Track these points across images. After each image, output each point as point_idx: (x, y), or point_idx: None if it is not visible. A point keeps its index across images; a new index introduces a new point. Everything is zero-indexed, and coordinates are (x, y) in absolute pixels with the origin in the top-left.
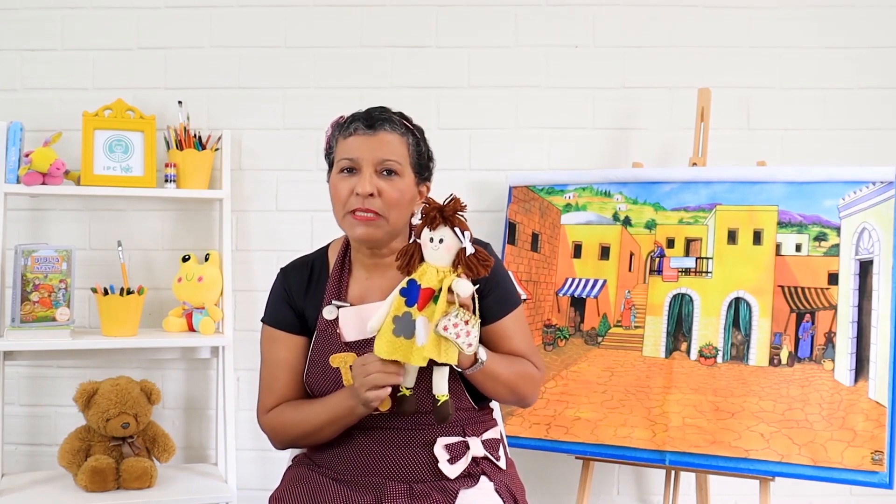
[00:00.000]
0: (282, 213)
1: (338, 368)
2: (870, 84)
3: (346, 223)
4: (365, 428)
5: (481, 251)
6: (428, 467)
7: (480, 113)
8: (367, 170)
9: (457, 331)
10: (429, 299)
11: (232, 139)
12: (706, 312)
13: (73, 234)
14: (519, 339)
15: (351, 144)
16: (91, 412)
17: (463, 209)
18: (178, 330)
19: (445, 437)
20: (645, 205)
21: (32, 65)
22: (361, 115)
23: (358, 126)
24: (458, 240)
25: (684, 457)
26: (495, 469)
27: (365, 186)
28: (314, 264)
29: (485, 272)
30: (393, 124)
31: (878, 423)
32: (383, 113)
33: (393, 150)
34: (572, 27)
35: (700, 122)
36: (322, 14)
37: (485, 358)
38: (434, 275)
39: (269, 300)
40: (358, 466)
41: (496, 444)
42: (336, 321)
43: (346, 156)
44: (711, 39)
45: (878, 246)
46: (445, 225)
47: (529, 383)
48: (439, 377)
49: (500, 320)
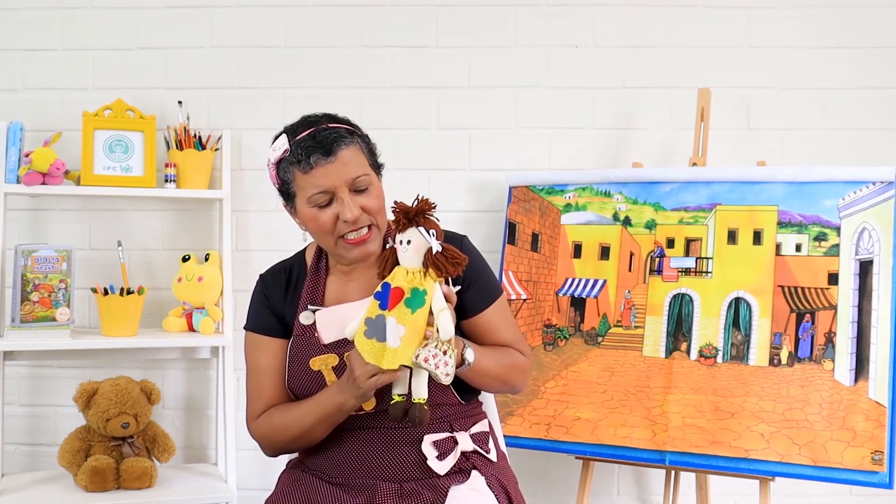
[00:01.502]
0: (282, 213)
1: (319, 371)
2: (870, 84)
3: (341, 248)
4: (353, 429)
5: (450, 249)
6: (417, 465)
7: (480, 113)
8: (343, 194)
9: (436, 361)
10: (398, 300)
11: (232, 139)
12: (706, 312)
13: (73, 234)
14: (503, 329)
15: (317, 177)
16: (91, 412)
17: (431, 208)
18: (178, 330)
19: (433, 433)
20: (645, 205)
21: (32, 65)
22: (312, 143)
23: (317, 157)
24: (424, 240)
25: (684, 457)
26: (486, 462)
27: (353, 212)
28: (292, 269)
29: (455, 270)
30: (344, 139)
31: (878, 423)
32: (329, 131)
33: (357, 165)
34: (572, 27)
35: (700, 122)
36: (322, 14)
37: (472, 359)
38: (403, 276)
39: (250, 307)
40: (348, 468)
41: (485, 437)
42: (313, 326)
43: (317, 190)
44: (711, 39)
45: (878, 246)
46: (411, 226)
47: (518, 372)
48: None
49: (483, 312)
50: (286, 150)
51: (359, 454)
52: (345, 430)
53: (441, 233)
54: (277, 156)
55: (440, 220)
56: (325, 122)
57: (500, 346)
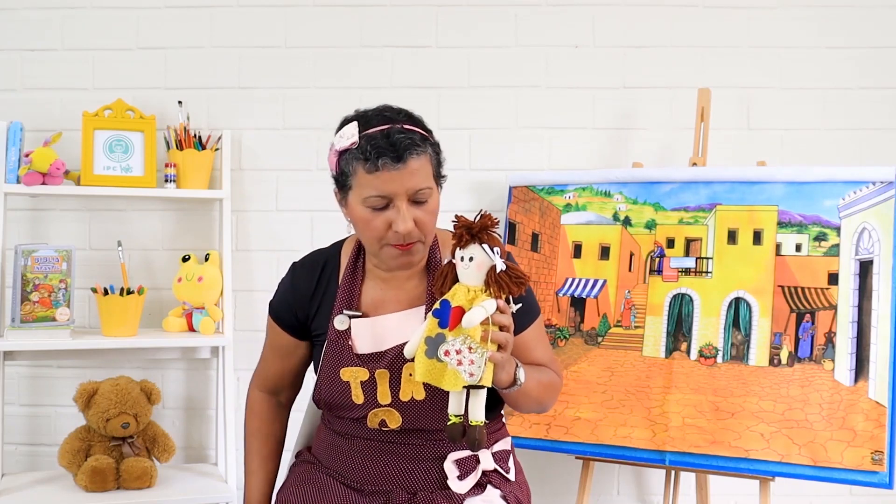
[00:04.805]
0: (282, 213)
1: (347, 382)
2: (870, 84)
3: (385, 253)
4: (376, 440)
5: (514, 268)
6: (436, 482)
7: (480, 113)
8: (400, 203)
9: (459, 357)
10: (459, 319)
11: (232, 139)
12: (706, 312)
13: (73, 234)
14: (540, 349)
15: (381, 180)
16: (91, 412)
17: (494, 224)
18: (178, 330)
19: (456, 451)
20: (645, 205)
21: (32, 65)
22: (384, 144)
23: (385, 161)
24: (487, 257)
25: (684, 457)
26: (503, 480)
27: (406, 224)
28: (326, 263)
29: (518, 290)
30: (417, 147)
31: (878, 423)
32: (405, 135)
33: (423, 177)
34: (572, 27)
35: (700, 122)
36: (322, 14)
37: (523, 380)
38: (464, 294)
39: (277, 291)
40: (365, 475)
41: (506, 456)
42: (348, 332)
43: (377, 193)
44: (711, 39)
45: (878, 246)
46: (474, 242)
47: (553, 393)
48: (475, 401)
49: (523, 332)
50: (354, 143)
51: (378, 462)
52: (367, 438)
53: (504, 250)
54: (344, 145)
55: None
56: (402, 120)
57: (538, 366)
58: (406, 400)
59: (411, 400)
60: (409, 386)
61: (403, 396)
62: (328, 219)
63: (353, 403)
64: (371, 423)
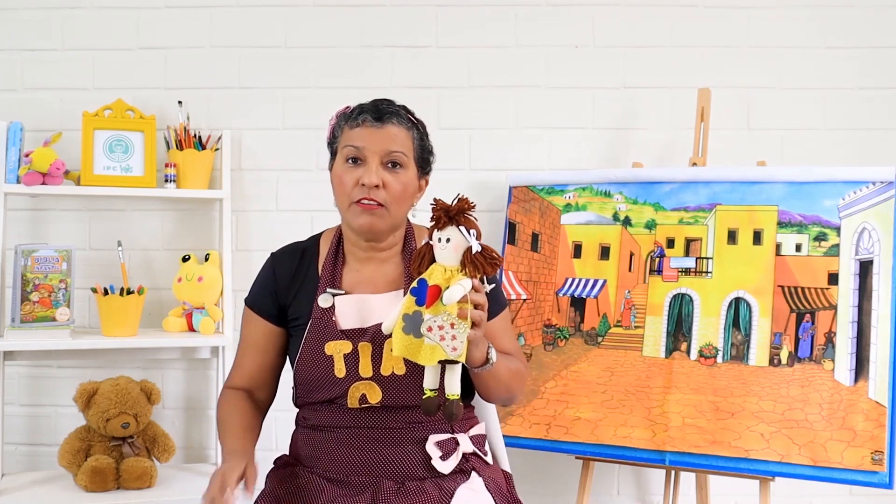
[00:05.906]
0: (282, 213)
1: (331, 356)
2: (870, 84)
3: (351, 212)
4: (356, 427)
5: (489, 249)
6: (421, 464)
7: (480, 113)
8: (373, 161)
9: (441, 332)
10: (436, 297)
11: (232, 139)
12: (706, 312)
13: (73, 234)
14: (506, 339)
15: (358, 134)
16: (91, 412)
17: (471, 208)
18: (178, 330)
19: (436, 434)
20: (645, 205)
21: (32, 65)
22: (369, 106)
23: (366, 118)
24: (464, 239)
25: (684, 457)
26: (483, 464)
27: (371, 177)
28: (305, 252)
29: (492, 271)
30: (400, 118)
31: (878, 423)
32: (390, 106)
33: (399, 142)
34: (572, 27)
35: (700, 122)
36: (322, 14)
37: (495, 359)
38: (441, 273)
39: (255, 283)
40: (350, 465)
41: (482, 440)
42: (332, 309)
43: (353, 143)
44: (711, 39)
45: (878, 246)
46: (451, 224)
47: (520, 381)
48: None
49: (491, 321)
50: (347, 108)
51: (361, 451)
52: (348, 426)
53: (480, 232)
54: (339, 111)
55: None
56: (395, 104)
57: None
58: (387, 375)
59: (392, 374)
60: (390, 361)
61: (384, 371)
62: (328, 218)
63: (335, 378)
64: (351, 401)
